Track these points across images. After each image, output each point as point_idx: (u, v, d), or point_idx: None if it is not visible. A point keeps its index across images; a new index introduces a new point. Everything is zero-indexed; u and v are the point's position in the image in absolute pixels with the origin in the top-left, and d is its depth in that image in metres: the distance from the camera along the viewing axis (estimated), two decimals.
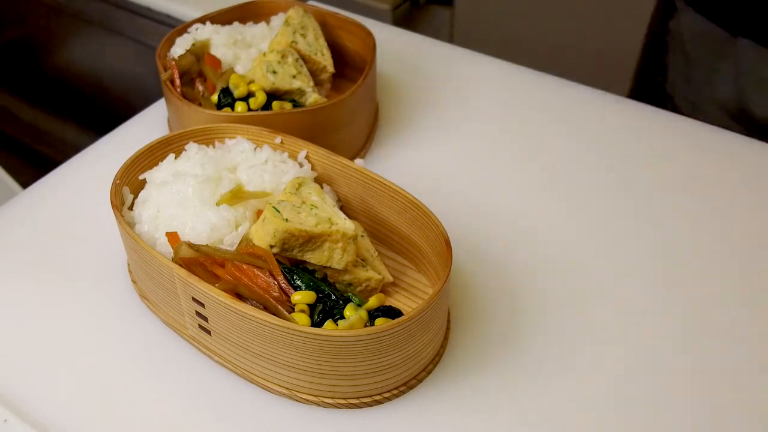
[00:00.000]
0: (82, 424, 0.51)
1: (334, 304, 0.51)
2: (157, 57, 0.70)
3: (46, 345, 0.55)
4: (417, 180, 0.68)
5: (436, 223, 0.54)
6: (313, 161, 0.61)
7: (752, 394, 0.52)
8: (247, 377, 0.53)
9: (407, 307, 0.57)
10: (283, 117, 0.64)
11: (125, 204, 0.57)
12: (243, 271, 0.52)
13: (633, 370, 0.54)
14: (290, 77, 0.67)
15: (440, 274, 0.53)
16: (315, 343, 0.47)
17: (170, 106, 0.71)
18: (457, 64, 0.84)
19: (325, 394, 0.51)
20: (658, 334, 0.56)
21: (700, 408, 0.51)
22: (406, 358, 0.50)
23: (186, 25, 0.74)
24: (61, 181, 0.70)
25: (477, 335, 0.56)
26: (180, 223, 0.55)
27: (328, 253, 0.53)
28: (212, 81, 0.68)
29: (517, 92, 0.79)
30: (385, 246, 0.61)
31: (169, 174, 0.58)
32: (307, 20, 0.73)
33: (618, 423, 0.51)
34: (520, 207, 0.66)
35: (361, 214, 0.61)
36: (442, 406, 0.51)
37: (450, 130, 0.75)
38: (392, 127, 0.76)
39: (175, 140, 0.61)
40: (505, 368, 0.54)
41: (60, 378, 0.53)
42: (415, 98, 0.79)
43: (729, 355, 0.55)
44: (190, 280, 0.49)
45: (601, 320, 0.57)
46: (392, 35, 0.89)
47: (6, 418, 0.52)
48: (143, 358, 0.55)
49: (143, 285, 0.57)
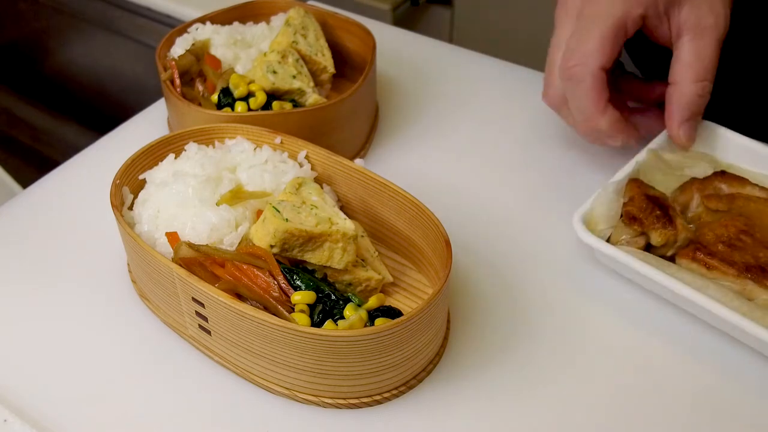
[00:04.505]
0: (82, 424, 0.51)
1: (334, 304, 0.51)
2: (157, 57, 0.70)
3: (46, 345, 0.55)
4: (417, 180, 0.68)
5: (436, 223, 0.54)
6: (313, 161, 0.61)
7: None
8: (247, 377, 0.53)
9: (407, 307, 0.57)
10: (283, 117, 0.64)
11: (125, 204, 0.57)
12: (243, 271, 0.52)
13: (633, 370, 0.54)
14: (290, 77, 0.67)
15: (440, 274, 0.53)
16: (315, 343, 0.47)
17: (170, 106, 0.71)
18: (457, 64, 0.84)
19: (325, 394, 0.51)
20: (662, 334, 0.56)
21: (702, 403, 0.51)
22: (406, 358, 0.50)
23: (186, 25, 0.74)
24: (61, 181, 0.70)
25: (477, 335, 0.56)
26: (180, 223, 0.55)
27: (328, 253, 0.53)
28: (212, 81, 0.68)
29: (517, 92, 0.79)
30: (385, 246, 0.61)
31: (169, 174, 0.58)
32: (308, 20, 0.73)
33: (618, 423, 0.51)
34: (520, 207, 0.66)
35: (361, 214, 0.61)
36: (442, 406, 0.51)
37: (450, 130, 0.75)
38: (392, 127, 0.76)
39: (175, 140, 0.61)
40: (505, 368, 0.54)
41: (60, 378, 0.53)
42: (415, 98, 0.79)
43: (730, 353, 0.55)
44: (190, 280, 0.49)
45: (601, 320, 0.57)
46: (392, 35, 0.89)
47: (6, 418, 0.51)
48: (143, 358, 0.55)
49: (143, 285, 0.57)
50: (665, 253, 0.57)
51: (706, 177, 0.60)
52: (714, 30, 0.59)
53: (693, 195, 0.59)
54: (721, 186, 0.59)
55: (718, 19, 0.59)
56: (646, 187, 0.59)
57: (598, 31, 0.59)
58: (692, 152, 0.64)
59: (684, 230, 0.56)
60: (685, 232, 0.56)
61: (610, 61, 0.59)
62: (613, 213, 0.58)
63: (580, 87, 0.60)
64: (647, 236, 0.57)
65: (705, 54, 0.59)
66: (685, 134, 0.61)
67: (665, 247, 0.56)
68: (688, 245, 0.56)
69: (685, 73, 0.59)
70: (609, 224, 0.58)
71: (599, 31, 0.59)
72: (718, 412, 0.51)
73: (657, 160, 0.62)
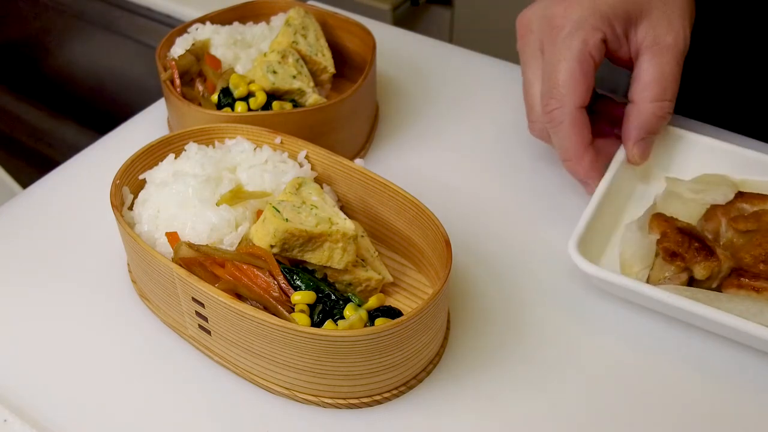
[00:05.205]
0: (82, 424, 0.51)
1: (334, 304, 0.51)
2: (157, 57, 0.70)
3: (46, 345, 0.55)
4: (417, 180, 0.68)
5: (436, 223, 0.54)
6: (313, 161, 0.61)
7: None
8: (247, 377, 0.53)
9: (407, 307, 0.57)
10: (283, 117, 0.64)
11: (125, 204, 0.57)
12: (243, 271, 0.52)
13: (634, 370, 0.54)
14: (290, 77, 0.67)
15: (440, 274, 0.53)
16: (315, 343, 0.47)
17: (170, 106, 0.71)
18: (457, 64, 0.84)
19: (325, 394, 0.51)
20: (660, 334, 0.56)
21: (705, 403, 0.51)
22: (406, 358, 0.50)
23: (186, 25, 0.74)
24: (61, 181, 0.70)
25: (477, 335, 0.56)
26: (180, 223, 0.55)
27: (328, 253, 0.53)
28: (212, 81, 0.68)
29: (516, 92, 0.79)
30: (385, 246, 0.61)
31: (169, 174, 0.58)
32: (308, 21, 0.73)
33: (619, 423, 0.51)
34: (520, 207, 0.66)
35: (361, 214, 0.61)
36: (442, 406, 0.51)
37: (450, 130, 0.75)
38: (392, 127, 0.76)
39: (175, 140, 0.61)
40: (505, 368, 0.54)
41: (60, 378, 0.53)
42: (415, 98, 0.79)
43: (732, 352, 0.55)
44: (190, 280, 0.49)
45: (601, 320, 0.57)
46: (392, 35, 0.89)
47: (6, 418, 0.51)
48: (143, 358, 0.55)
49: (143, 285, 0.57)
50: (710, 286, 0.55)
51: (728, 201, 0.59)
52: (673, 49, 0.59)
53: (720, 221, 0.58)
54: (744, 206, 0.58)
55: (678, 38, 0.59)
56: (673, 221, 0.57)
57: (565, 69, 0.58)
58: (706, 177, 0.63)
59: (726, 259, 0.54)
60: (727, 260, 0.54)
61: (585, 95, 0.59)
62: (645, 252, 0.57)
63: (561, 129, 0.60)
64: (689, 271, 0.55)
65: (664, 73, 0.59)
66: (638, 152, 0.62)
67: (710, 279, 0.54)
68: (730, 274, 0.54)
69: (643, 93, 0.59)
70: (645, 265, 0.57)
71: (567, 67, 0.58)
72: (721, 411, 0.51)
73: (673, 192, 0.62)
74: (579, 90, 0.59)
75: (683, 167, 0.65)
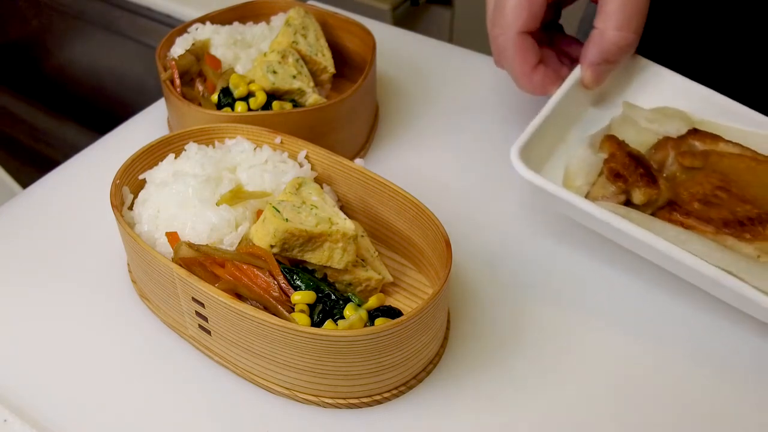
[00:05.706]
0: (81, 423, 0.51)
1: (334, 304, 0.51)
2: (157, 57, 0.70)
3: (46, 345, 0.55)
4: (417, 180, 0.68)
5: (436, 223, 0.54)
6: (313, 161, 0.61)
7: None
8: (247, 377, 0.53)
9: (407, 307, 0.57)
10: (283, 117, 0.64)
11: (125, 204, 0.57)
12: (243, 271, 0.52)
13: (634, 370, 0.54)
14: (290, 77, 0.67)
15: (440, 274, 0.53)
16: (315, 343, 0.47)
17: (170, 106, 0.71)
18: (457, 64, 0.84)
19: (325, 394, 0.51)
20: (660, 334, 0.56)
21: (707, 402, 0.51)
22: (406, 358, 0.50)
23: (186, 25, 0.74)
24: (61, 181, 0.70)
25: (477, 335, 0.56)
26: (180, 223, 0.55)
27: (328, 253, 0.53)
28: (212, 81, 0.68)
29: (516, 92, 0.79)
30: (385, 246, 0.61)
31: (169, 174, 0.58)
32: (308, 21, 0.73)
33: (619, 422, 0.51)
34: (520, 207, 0.66)
35: (361, 214, 0.61)
36: (442, 406, 0.51)
37: (450, 130, 0.75)
38: (392, 127, 0.76)
39: (175, 140, 0.61)
40: (506, 368, 0.54)
41: (60, 378, 0.53)
42: (415, 98, 0.79)
43: (733, 350, 0.55)
44: (190, 280, 0.49)
45: (603, 319, 0.57)
46: (392, 35, 0.89)
47: (6, 418, 0.52)
48: (143, 358, 0.55)
49: (143, 285, 0.57)
50: (644, 213, 0.56)
51: (680, 135, 0.59)
52: None
53: (668, 153, 0.58)
54: (695, 143, 0.59)
55: None
56: (624, 145, 0.58)
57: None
58: (665, 109, 0.63)
59: (666, 190, 0.55)
60: (666, 192, 0.55)
61: (530, 23, 0.59)
62: (590, 168, 0.57)
63: (506, 55, 0.61)
64: (628, 194, 0.56)
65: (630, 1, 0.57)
66: (591, 75, 0.61)
67: (646, 206, 0.55)
68: (665, 205, 0.55)
69: (608, 21, 0.58)
70: (587, 181, 0.57)
71: None
72: (721, 411, 0.51)
73: (629, 118, 0.62)
74: (522, 16, 0.59)
75: (644, 98, 0.64)
